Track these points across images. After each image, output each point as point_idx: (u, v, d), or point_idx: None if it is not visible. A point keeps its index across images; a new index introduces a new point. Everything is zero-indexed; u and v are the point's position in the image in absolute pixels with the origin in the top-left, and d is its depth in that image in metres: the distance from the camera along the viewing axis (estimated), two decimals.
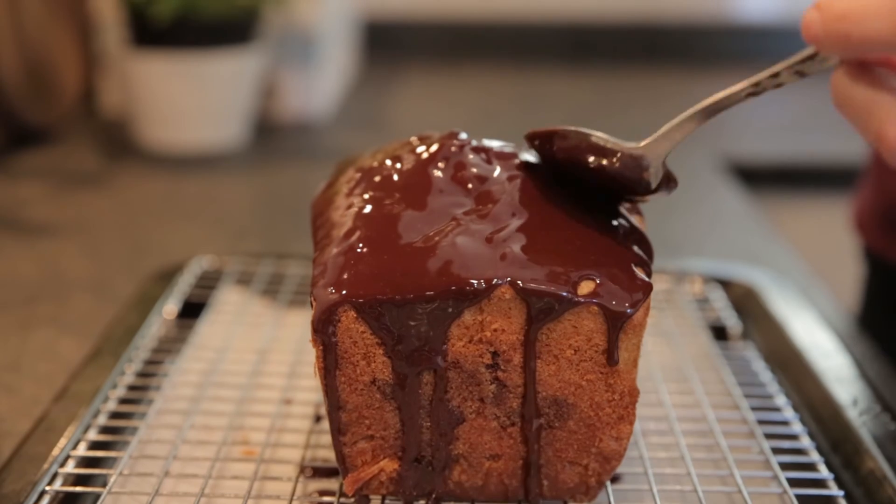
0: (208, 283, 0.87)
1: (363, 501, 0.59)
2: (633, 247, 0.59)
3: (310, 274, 0.58)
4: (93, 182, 1.29)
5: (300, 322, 0.81)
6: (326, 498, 0.61)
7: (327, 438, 0.59)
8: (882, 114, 0.50)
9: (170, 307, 0.83)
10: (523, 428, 0.57)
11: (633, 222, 0.61)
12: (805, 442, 0.66)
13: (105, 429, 0.66)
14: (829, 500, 0.60)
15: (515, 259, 0.55)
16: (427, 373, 0.56)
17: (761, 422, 0.68)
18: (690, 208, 1.27)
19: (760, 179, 1.51)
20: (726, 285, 0.88)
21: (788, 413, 0.69)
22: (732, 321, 0.83)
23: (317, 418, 0.69)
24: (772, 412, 0.69)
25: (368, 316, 0.54)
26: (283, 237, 1.12)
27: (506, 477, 0.59)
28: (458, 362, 0.56)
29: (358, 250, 0.56)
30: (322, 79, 1.59)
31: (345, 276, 0.55)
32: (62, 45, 1.48)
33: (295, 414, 0.70)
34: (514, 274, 0.54)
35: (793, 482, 0.61)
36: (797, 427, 0.67)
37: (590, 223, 0.59)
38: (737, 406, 0.70)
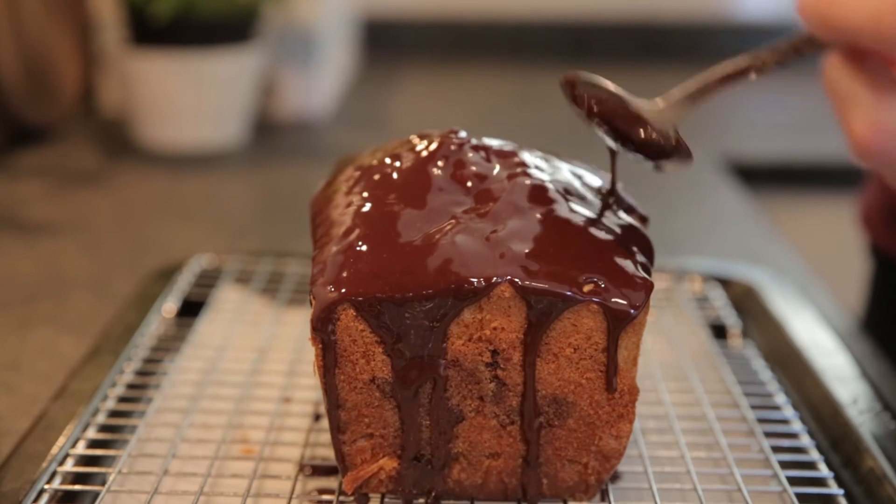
0: (207, 282, 0.87)
1: (363, 500, 0.59)
2: (633, 246, 0.59)
3: (309, 272, 0.58)
4: (92, 181, 1.29)
5: (299, 320, 0.81)
6: (326, 496, 0.61)
7: (326, 437, 0.59)
8: (855, 107, 0.50)
9: (169, 306, 0.83)
10: (523, 426, 0.57)
11: (633, 221, 0.61)
12: (805, 440, 0.66)
13: (104, 427, 0.66)
14: (829, 499, 0.60)
15: (515, 257, 0.55)
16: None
17: (761, 420, 0.68)
18: (691, 207, 1.27)
19: (760, 178, 1.51)
20: (726, 284, 0.88)
21: (788, 412, 0.69)
22: (732, 320, 0.83)
23: (316, 417, 0.69)
24: (771, 411, 0.69)
25: (368, 314, 0.54)
26: (283, 236, 1.12)
27: (505, 475, 0.59)
28: (458, 361, 0.55)
29: (357, 249, 0.56)
30: (321, 77, 1.59)
31: (344, 275, 0.55)
32: (61, 44, 1.48)
33: (294, 412, 0.70)
34: (514, 272, 0.54)
35: (792, 481, 0.61)
36: (797, 425, 0.67)
37: (589, 222, 0.59)
38: (736, 404, 0.70)
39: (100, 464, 0.63)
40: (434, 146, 0.62)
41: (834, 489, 0.61)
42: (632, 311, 0.55)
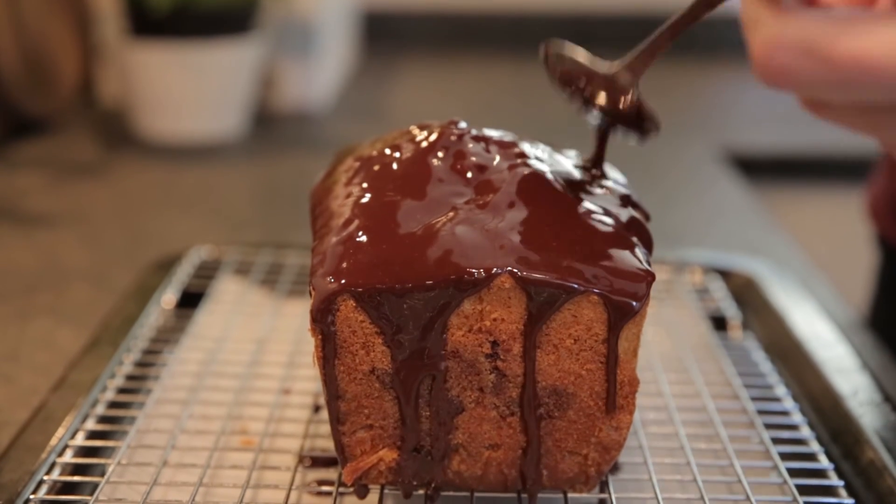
0: (207, 273, 0.87)
1: (362, 491, 0.59)
2: (634, 237, 0.58)
3: (308, 263, 0.58)
4: (91, 172, 1.28)
5: (299, 311, 0.81)
6: (325, 487, 0.61)
7: (326, 428, 0.59)
8: (757, 27, 0.49)
9: (168, 297, 0.82)
10: (523, 417, 0.57)
11: (634, 212, 0.61)
12: (805, 432, 0.66)
13: (103, 418, 0.66)
14: (829, 490, 0.60)
15: (515, 248, 0.55)
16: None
17: (761, 412, 0.68)
18: (691, 199, 1.27)
19: (760, 170, 1.51)
20: (726, 275, 0.88)
21: (788, 403, 0.69)
22: (732, 311, 0.83)
23: (315, 408, 0.69)
24: (771, 402, 0.69)
25: (367, 305, 0.54)
26: (282, 227, 1.12)
27: (505, 466, 0.58)
28: (458, 352, 0.55)
29: (357, 239, 0.56)
30: (321, 69, 1.59)
31: (344, 266, 0.55)
32: (61, 36, 1.47)
33: (294, 403, 0.70)
34: (514, 263, 0.54)
35: (793, 472, 0.61)
36: (797, 417, 0.67)
37: (590, 213, 0.59)
38: (736, 396, 0.70)
39: (99, 455, 0.63)
40: (434, 137, 0.62)
41: (834, 481, 0.61)
42: (633, 303, 0.54)
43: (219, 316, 0.81)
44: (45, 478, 0.59)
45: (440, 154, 0.61)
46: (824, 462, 0.62)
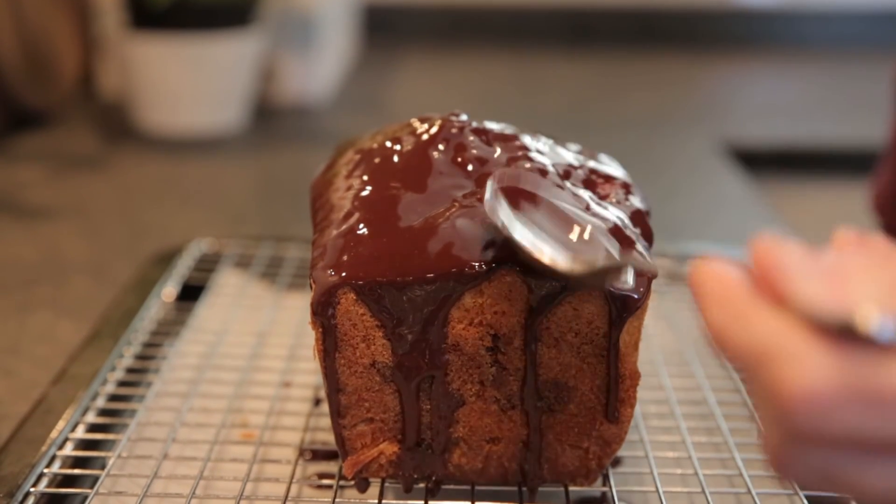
0: (207, 266, 0.87)
1: (363, 484, 0.59)
2: (634, 230, 0.58)
3: (309, 256, 0.57)
4: (91, 165, 1.28)
5: (299, 305, 0.81)
6: (326, 481, 0.61)
7: (327, 421, 0.59)
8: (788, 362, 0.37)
9: (169, 290, 0.82)
10: (524, 411, 0.57)
11: (634, 205, 0.61)
12: None
13: (103, 411, 0.66)
14: None
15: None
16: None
17: None
18: (691, 192, 1.27)
19: (761, 163, 1.51)
20: None
21: None
22: None
23: (316, 401, 0.69)
24: None
25: (368, 298, 0.54)
26: (283, 220, 1.12)
27: (506, 460, 0.58)
28: (459, 345, 0.55)
29: (357, 232, 0.56)
30: (321, 62, 1.58)
31: (344, 258, 0.55)
32: (61, 29, 1.47)
33: (294, 397, 0.70)
34: (515, 256, 0.54)
35: None
36: None
37: (590, 206, 0.59)
38: (737, 389, 0.70)
39: (99, 448, 0.63)
40: (435, 130, 0.62)
41: None
42: (635, 297, 0.54)
43: (219, 309, 0.81)
44: (46, 471, 0.59)
45: (441, 147, 0.61)
46: None
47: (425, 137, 0.62)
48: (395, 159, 0.61)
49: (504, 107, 1.64)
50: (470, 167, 0.60)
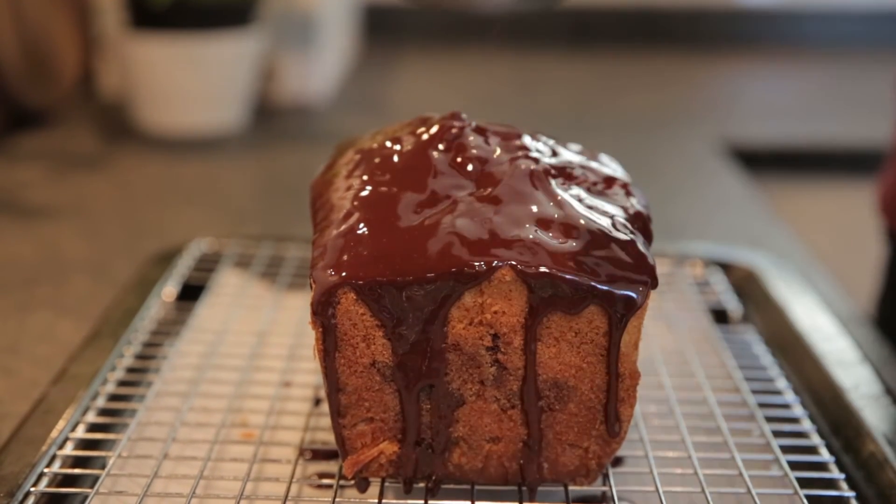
0: (207, 266, 0.87)
1: (363, 484, 0.59)
2: (634, 230, 0.58)
3: (309, 256, 0.57)
4: (92, 165, 1.28)
5: (299, 304, 0.81)
6: (326, 480, 0.61)
7: (327, 421, 0.59)
8: None
9: (169, 290, 0.82)
10: (524, 410, 0.57)
11: (633, 205, 0.61)
12: (806, 425, 0.65)
13: (104, 411, 0.66)
14: (830, 483, 0.60)
15: (516, 241, 0.55)
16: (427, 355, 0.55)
17: (762, 405, 0.68)
18: (692, 191, 1.27)
19: (761, 163, 1.51)
20: (727, 268, 0.88)
21: (789, 396, 0.69)
22: (733, 304, 0.83)
23: (316, 401, 0.69)
24: (772, 395, 0.69)
25: (368, 298, 0.54)
26: (283, 220, 1.12)
27: (506, 459, 0.58)
28: (459, 344, 0.55)
29: (357, 232, 0.56)
30: (322, 61, 1.58)
31: (344, 258, 0.55)
32: (61, 28, 1.47)
33: (294, 396, 0.70)
34: (515, 256, 0.54)
35: (793, 465, 0.61)
36: (798, 410, 0.67)
37: (591, 206, 0.59)
38: (737, 389, 0.70)
39: (99, 448, 0.63)
40: (435, 130, 0.62)
41: (835, 474, 0.60)
42: (635, 297, 0.54)
43: (219, 309, 0.81)
44: (46, 470, 0.59)
45: (441, 147, 0.61)
46: (825, 455, 0.62)
47: (425, 137, 0.62)
48: (395, 159, 0.61)
49: (504, 107, 1.64)
50: (470, 167, 0.60)
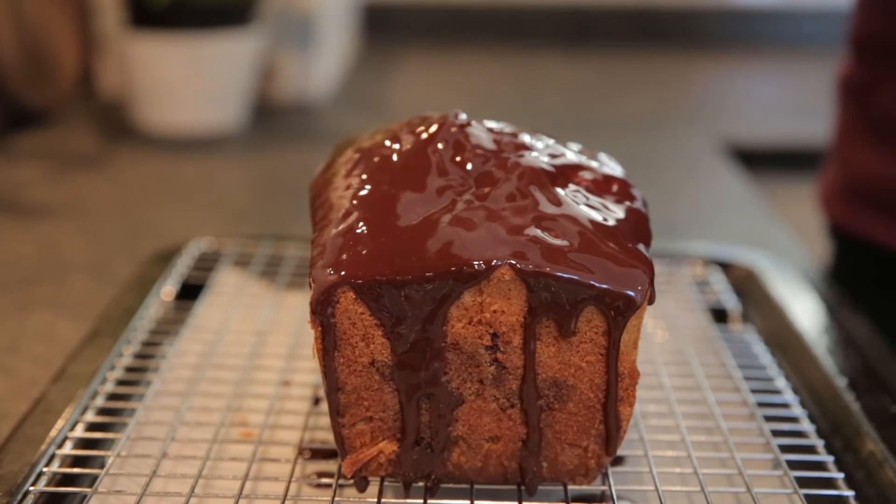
0: (206, 265, 0.87)
1: (362, 483, 0.59)
2: (633, 229, 0.58)
3: (308, 255, 0.57)
4: (91, 164, 1.28)
5: (299, 303, 0.81)
6: (325, 479, 0.61)
7: (326, 420, 0.59)
8: None
9: (168, 289, 0.82)
10: (523, 409, 0.57)
11: (633, 205, 0.61)
12: (805, 424, 0.65)
13: (103, 410, 0.66)
14: (830, 483, 0.60)
15: (515, 240, 0.55)
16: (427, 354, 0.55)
17: (761, 404, 0.68)
18: (691, 191, 1.27)
19: (760, 162, 1.51)
20: (726, 268, 0.88)
21: (788, 395, 0.69)
22: (732, 303, 0.83)
23: (315, 400, 0.69)
24: (772, 395, 0.69)
25: (367, 297, 0.54)
26: (282, 219, 1.12)
27: (505, 459, 0.58)
28: (458, 343, 0.55)
29: (357, 231, 0.56)
30: (321, 60, 1.58)
31: (343, 257, 0.55)
32: (60, 27, 1.47)
33: (293, 395, 0.70)
34: (514, 255, 0.54)
35: (793, 464, 0.61)
36: (797, 409, 0.67)
37: (590, 205, 0.59)
38: (737, 388, 0.70)
39: (98, 447, 0.63)
40: (434, 128, 0.62)
41: (834, 473, 0.60)
42: (634, 296, 0.54)
43: (218, 308, 0.81)
44: (45, 469, 0.59)
45: (440, 146, 0.61)
46: (824, 454, 0.62)
47: (424, 136, 0.62)
48: (395, 158, 0.61)
49: (504, 106, 1.64)
50: (469, 166, 0.60)
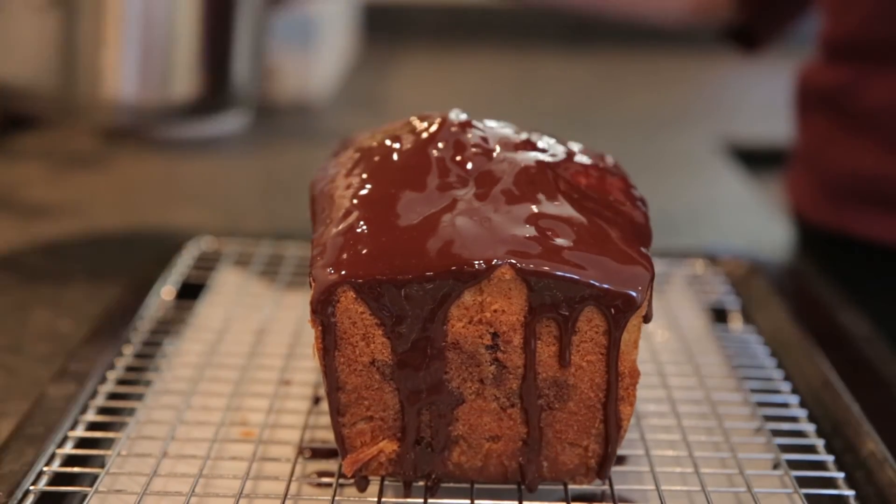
0: (207, 264, 0.87)
1: (362, 483, 0.59)
2: (633, 229, 0.58)
3: (309, 255, 0.57)
4: (91, 163, 1.28)
5: (299, 303, 0.81)
6: (325, 479, 0.61)
7: (326, 419, 0.59)
8: None
9: (168, 288, 0.82)
10: (523, 409, 0.57)
11: (633, 204, 0.61)
12: (805, 424, 0.65)
13: (103, 409, 0.66)
14: (830, 482, 0.60)
15: (515, 240, 0.55)
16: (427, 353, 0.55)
17: (761, 404, 0.68)
18: (691, 189, 1.27)
19: (761, 161, 1.51)
20: (727, 266, 0.88)
21: (789, 395, 0.69)
22: (732, 303, 0.83)
23: (316, 399, 0.69)
24: (772, 394, 0.69)
25: (367, 296, 0.54)
26: (282, 218, 1.12)
27: (505, 458, 0.58)
28: (458, 343, 0.55)
29: (357, 231, 0.56)
30: (321, 60, 1.58)
31: (344, 257, 0.55)
32: None
33: (294, 395, 0.70)
34: (515, 254, 0.54)
35: (793, 464, 0.61)
36: (797, 409, 0.67)
37: (590, 205, 0.59)
38: (737, 388, 0.70)
39: (99, 446, 0.63)
40: (434, 128, 0.62)
41: (834, 472, 0.60)
42: (635, 296, 0.54)
43: (219, 307, 0.81)
44: (46, 469, 0.59)
45: (440, 145, 0.61)
46: (824, 454, 0.62)
47: (425, 136, 0.62)
48: (395, 158, 0.61)
49: (504, 106, 1.64)
50: (469, 166, 0.60)
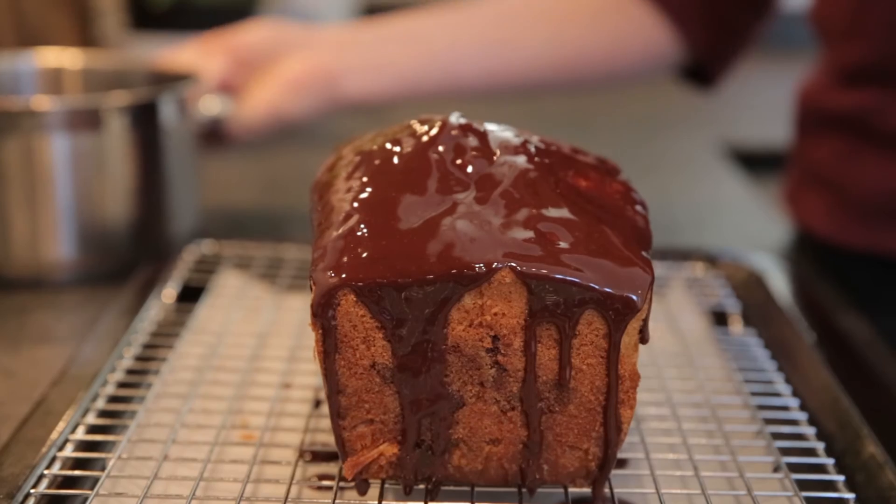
0: (207, 268, 0.87)
1: (363, 486, 0.59)
2: (633, 231, 0.58)
3: (309, 258, 0.57)
4: None
5: (299, 306, 0.81)
6: (326, 482, 0.61)
7: (327, 422, 0.59)
8: None
9: (169, 291, 0.82)
10: (523, 412, 0.57)
11: (633, 207, 0.61)
12: (806, 427, 0.65)
13: (104, 413, 0.66)
14: (830, 485, 0.60)
15: (516, 243, 0.55)
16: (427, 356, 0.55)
17: (762, 407, 0.68)
18: (691, 192, 1.27)
19: (761, 164, 1.51)
20: (727, 270, 0.88)
21: (789, 398, 0.69)
22: (733, 306, 0.83)
23: (316, 403, 0.69)
24: (772, 397, 0.69)
25: (368, 299, 0.54)
26: (282, 221, 1.12)
27: (506, 461, 0.58)
28: (458, 346, 0.55)
29: (358, 234, 0.56)
30: None
31: (344, 260, 0.55)
32: (61, 30, 1.47)
33: (294, 398, 0.70)
34: (515, 258, 0.54)
35: (793, 467, 0.61)
36: (798, 412, 0.67)
37: (590, 208, 0.59)
38: (737, 391, 0.70)
39: (99, 449, 0.63)
40: (435, 131, 0.62)
41: (835, 475, 0.60)
42: (635, 299, 0.54)
43: (219, 310, 0.81)
44: (46, 472, 0.59)
45: (441, 148, 0.61)
46: (825, 457, 0.62)
47: (425, 139, 0.62)
48: (395, 161, 0.61)
49: (504, 107, 1.64)
50: (470, 169, 0.60)
